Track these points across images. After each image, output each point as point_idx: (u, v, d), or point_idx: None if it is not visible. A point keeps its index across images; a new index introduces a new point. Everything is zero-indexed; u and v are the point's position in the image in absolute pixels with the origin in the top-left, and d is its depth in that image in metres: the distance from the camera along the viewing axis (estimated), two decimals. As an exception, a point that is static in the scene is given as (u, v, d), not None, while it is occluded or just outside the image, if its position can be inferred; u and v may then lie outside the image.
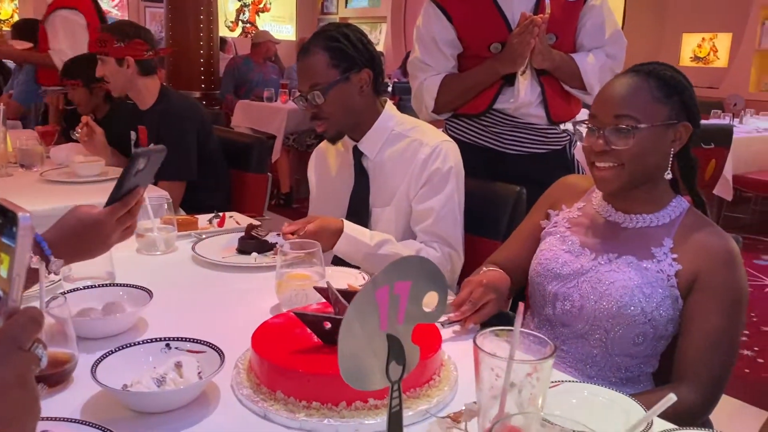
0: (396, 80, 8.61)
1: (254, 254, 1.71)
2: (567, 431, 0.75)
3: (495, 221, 1.97)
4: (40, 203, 2.21)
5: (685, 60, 9.14)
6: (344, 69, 1.82)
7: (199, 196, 2.66)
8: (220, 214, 2.06)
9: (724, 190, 5.04)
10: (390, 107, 1.95)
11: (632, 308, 1.34)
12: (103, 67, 2.74)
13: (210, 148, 2.80)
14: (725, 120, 6.02)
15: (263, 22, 12.90)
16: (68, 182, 2.55)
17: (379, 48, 12.39)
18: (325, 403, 0.99)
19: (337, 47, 1.83)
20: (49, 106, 3.79)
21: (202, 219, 2.02)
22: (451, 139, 1.95)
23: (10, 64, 5.29)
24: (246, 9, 13.49)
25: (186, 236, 1.87)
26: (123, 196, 1.24)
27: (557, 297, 1.45)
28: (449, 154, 1.88)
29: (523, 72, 2.13)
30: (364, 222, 1.88)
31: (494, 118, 2.22)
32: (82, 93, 3.22)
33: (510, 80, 2.16)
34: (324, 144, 2.07)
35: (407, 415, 0.99)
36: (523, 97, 2.16)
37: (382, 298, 0.75)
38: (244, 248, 1.74)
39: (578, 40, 2.24)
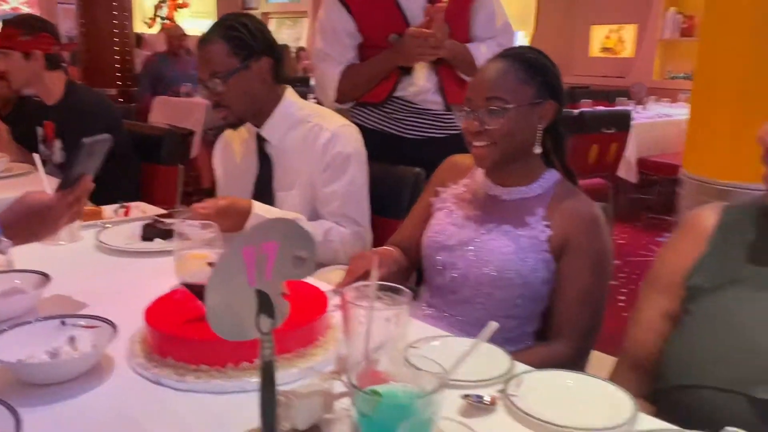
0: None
1: (158, 240, 1.75)
2: (427, 373, 0.84)
3: (396, 202, 2.07)
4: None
5: (595, 51, 9.55)
6: (243, 57, 1.88)
7: (108, 189, 2.64)
8: (126, 204, 2.08)
9: (628, 173, 5.33)
10: (291, 93, 2.02)
11: (509, 272, 1.46)
12: (5, 62, 2.69)
13: (119, 142, 2.78)
14: (630, 107, 6.35)
15: (183, 18, 12.68)
16: (-29, 179, 2.51)
17: (301, 43, 12.37)
18: (212, 365, 1.06)
19: (236, 36, 1.88)
20: None
21: (108, 210, 2.04)
22: (352, 124, 2.04)
23: None
24: (164, 5, 13.22)
25: (91, 226, 1.88)
26: (71, 184, 1.30)
27: (445, 267, 1.56)
28: (349, 138, 1.96)
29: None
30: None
31: (394, 105, 2.33)
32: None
33: (408, 69, 2.26)
34: (229, 132, 2.12)
35: (292, 371, 1.07)
36: (421, 85, 2.28)
37: (248, 257, 0.82)
38: (148, 235, 1.78)
39: (471, 32, 2.37)
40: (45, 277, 1.36)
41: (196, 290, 1.13)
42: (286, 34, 13.27)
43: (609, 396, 1.03)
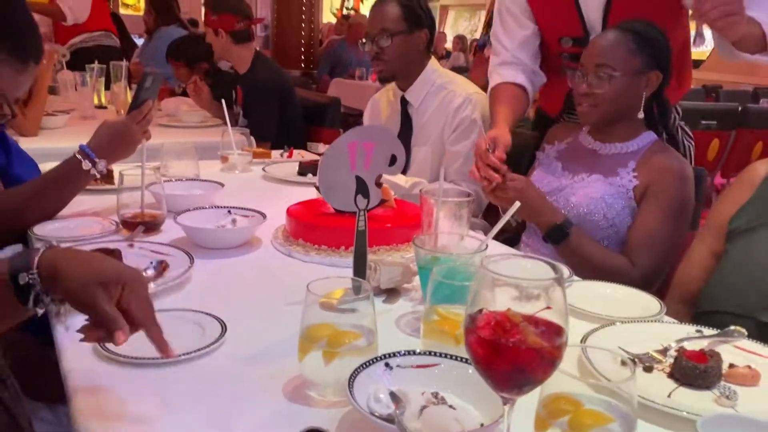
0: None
1: (309, 175, 2.13)
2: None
3: (517, 164, 2.29)
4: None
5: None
6: (411, 24, 2.25)
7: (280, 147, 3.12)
8: (290, 147, 2.50)
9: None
10: (433, 62, 2.33)
11: (596, 215, 1.66)
12: (207, 36, 3.23)
13: (290, 112, 3.22)
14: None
15: (367, 10, 13.44)
16: (174, 126, 3.09)
17: (477, 35, 12.62)
18: (330, 246, 1.40)
19: (410, 6, 2.27)
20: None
21: (275, 152, 2.48)
22: (482, 92, 2.29)
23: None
24: (350, -4, 14.11)
25: (260, 163, 2.32)
26: (138, 106, 1.67)
27: (541, 210, 1.78)
28: (477, 105, 2.23)
29: None
30: (405, 159, 2.26)
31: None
32: (185, 72, 3.78)
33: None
34: (378, 94, 2.48)
35: (387, 259, 1.38)
36: None
37: (352, 148, 1.13)
38: (302, 171, 2.17)
39: None
40: (221, 185, 1.78)
41: (324, 191, 1.46)
42: (462, 26, 13.59)
43: (639, 299, 1.23)
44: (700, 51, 9.81)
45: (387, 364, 0.88)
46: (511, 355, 0.67)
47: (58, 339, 1.04)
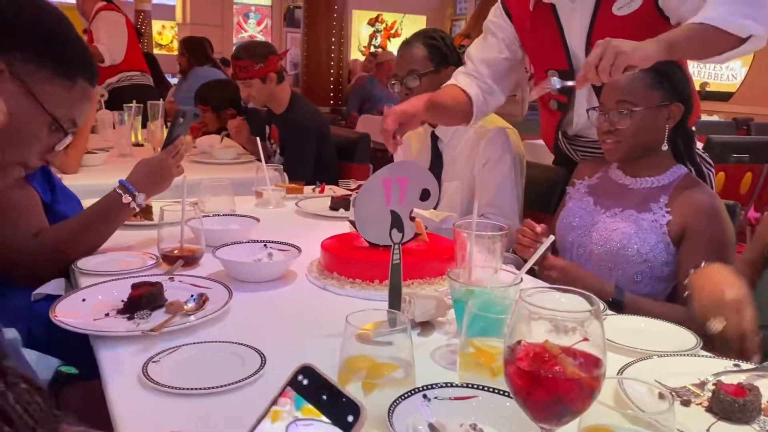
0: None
1: (341, 210, 2.17)
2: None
3: (549, 197, 2.31)
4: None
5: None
6: (438, 63, 2.29)
7: (313, 183, 3.15)
8: (321, 183, 2.55)
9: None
10: (463, 100, 2.36)
11: (629, 250, 1.66)
12: (248, 90, 3.18)
13: (326, 150, 3.26)
14: None
15: (394, 47, 13.65)
16: (208, 162, 3.16)
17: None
18: (364, 280, 1.42)
19: (435, 45, 2.31)
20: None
21: (308, 188, 2.52)
22: (512, 127, 2.32)
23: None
24: (378, 35, 14.36)
25: (293, 198, 2.36)
26: (172, 142, 1.77)
27: (573, 245, 1.79)
28: (507, 139, 2.25)
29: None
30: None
31: (574, 144, 2.14)
32: (211, 117, 3.87)
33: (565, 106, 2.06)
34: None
35: (421, 292, 1.39)
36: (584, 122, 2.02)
37: (386, 184, 1.16)
38: (334, 206, 2.21)
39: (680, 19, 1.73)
40: (256, 220, 1.82)
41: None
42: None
43: (675, 333, 1.22)
44: (730, 83, 9.82)
45: (425, 396, 0.89)
46: (550, 385, 0.68)
47: (104, 369, 1.07)
